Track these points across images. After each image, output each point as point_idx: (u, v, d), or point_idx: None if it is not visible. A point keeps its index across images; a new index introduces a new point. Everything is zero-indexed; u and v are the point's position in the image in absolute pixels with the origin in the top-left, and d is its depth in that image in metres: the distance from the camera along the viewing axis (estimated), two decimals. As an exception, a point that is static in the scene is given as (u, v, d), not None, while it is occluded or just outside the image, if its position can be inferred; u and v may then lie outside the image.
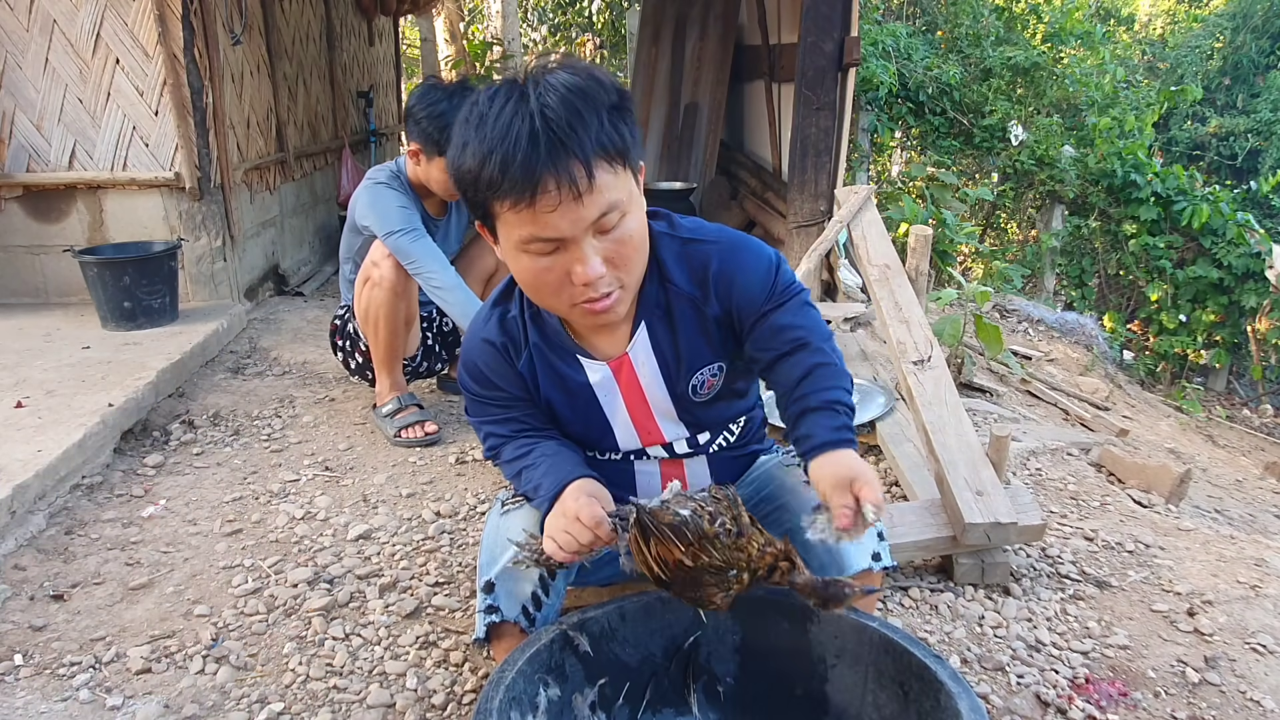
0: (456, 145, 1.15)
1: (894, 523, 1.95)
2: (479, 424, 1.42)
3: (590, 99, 1.10)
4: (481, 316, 1.39)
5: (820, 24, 4.08)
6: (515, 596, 1.32)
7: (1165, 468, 2.75)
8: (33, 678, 1.62)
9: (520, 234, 1.12)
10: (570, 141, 1.07)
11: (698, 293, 1.31)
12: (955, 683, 1.13)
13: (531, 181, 1.07)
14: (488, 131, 1.10)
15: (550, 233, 1.11)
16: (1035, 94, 8.19)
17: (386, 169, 2.62)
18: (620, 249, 1.16)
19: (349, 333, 2.79)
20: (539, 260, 1.15)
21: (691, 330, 1.33)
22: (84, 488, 2.32)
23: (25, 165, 3.51)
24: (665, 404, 1.38)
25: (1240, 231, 7.31)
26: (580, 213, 1.10)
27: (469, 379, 1.39)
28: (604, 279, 1.16)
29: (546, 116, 1.07)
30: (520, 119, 1.08)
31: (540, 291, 1.20)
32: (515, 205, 1.09)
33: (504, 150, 1.07)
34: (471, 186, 1.13)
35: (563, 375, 1.35)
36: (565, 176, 1.07)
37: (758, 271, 1.30)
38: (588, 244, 1.13)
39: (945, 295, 4.29)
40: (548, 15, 13.27)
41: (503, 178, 1.08)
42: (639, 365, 1.35)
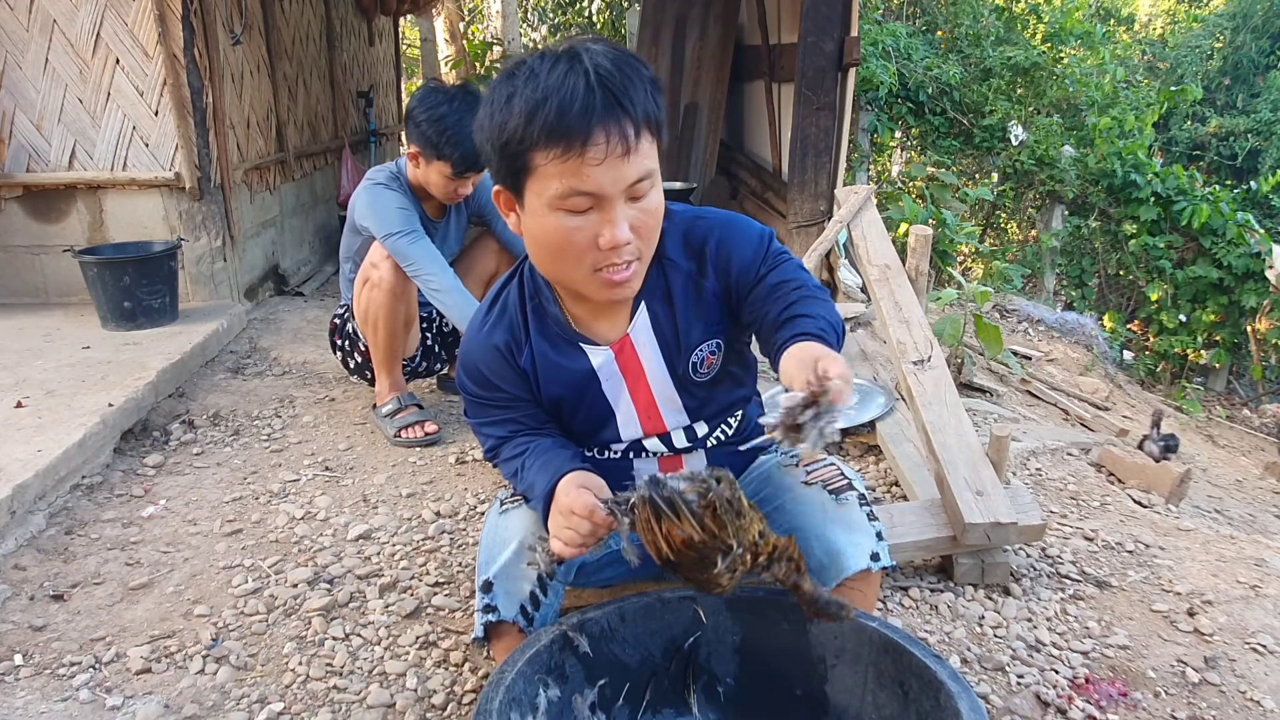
0: (498, 100, 1.14)
1: (894, 523, 1.95)
2: (478, 425, 1.43)
3: (636, 69, 1.14)
4: (479, 318, 1.39)
5: (820, 24, 4.08)
6: (513, 596, 1.32)
7: (1165, 468, 2.75)
8: (33, 678, 1.62)
9: (559, 187, 1.12)
10: (623, 99, 1.10)
11: (694, 267, 1.33)
12: (955, 683, 1.13)
13: (585, 130, 1.09)
14: (541, 82, 1.10)
15: (591, 186, 1.12)
16: (1035, 94, 8.19)
17: (386, 170, 2.62)
18: (646, 219, 1.18)
19: (348, 332, 2.79)
20: (570, 219, 1.15)
21: (690, 307, 1.35)
22: (84, 488, 2.32)
23: (25, 165, 3.51)
24: (666, 386, 1.39)
25: (1240, 231, 7.31)
26: (623, 170, 1.12)
27: (468, 381, 1.39)
28: (629, 246, 1.17)
29: (600, 75, 1.10)
30: (575, 74, 1.10)
31: (564, 254, 1.19)
32: (564, 155, 1.10)
33: (560, 98, 1.09)
34: (515, 137, 1.12)
35: (564, 366, 1.35)
36: (616, 131, 1.10)
37: (751, 242, 1.33)
38: (621, 207, 1.15)
39: (945, 295, 4.29)
40: (548, 15, 13.26)
41: (557, 123, 1.09)
42: (640, 346, 1.36)
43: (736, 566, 1.14)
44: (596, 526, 1.17)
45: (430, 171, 2.52)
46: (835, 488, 1.40)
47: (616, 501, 1.17)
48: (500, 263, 2.85)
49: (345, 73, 5.88)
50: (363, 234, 2.63)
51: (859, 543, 1.33)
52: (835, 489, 1.40)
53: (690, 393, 1.40)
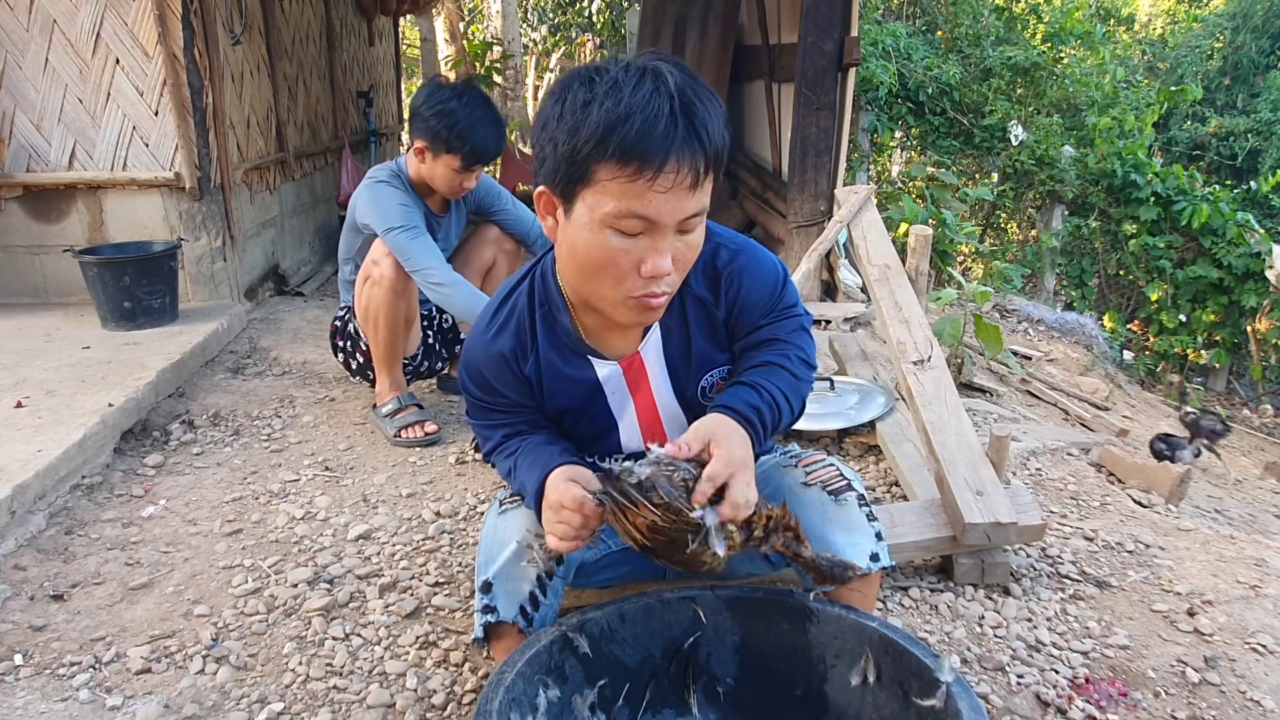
0: (573, 103, 1.11)
1: (894, 523, 1.95)
2: (478, 426, 1.43)
3: (714, 102, 1.13)
4: (484, 320, 1.38)
5: (820, 24, 4.08)
6: (513, 596, 1.32)
7: (1165, 468, 2.75)
8: (33, 678, 1.62)
9: (616, 207, 1.10)
10: (702, 133, 1.09)
11: (710, 296, 1.33)
12: (955, 682, 1.13)
13: (663, 156, 1.07)
14: (625, 95, 1.08)
15: (650, 213, 1.10)
16: (1035, 94, 8.19)
17: (387, 168, 2.62)
18: (687, 252, 1.18)
19: (350, 333, 2.79)
20: (618, 240, 1.13)
21: (702, 332, 1.35)
22: (84, 488, 2.32)
23: (25, 165, 3.51)
24: (672, 405, 1.39)
25: (1240, 231, 7.31)
26: (685, 203, 1.11)
27: (471, 384, 1.38)
28: (668, 278, 1.17)
29: (685, 102, 1.09)
30: (660, 96, 1.08)
31: (602, 273, 1.17)
32: (634, 175, 1.08)
33: (645, 117, 1.07)
34: (587, 146, 1.09)
35: (571, 376, 1.35)
36: (689, 163, 1.09)
37: (766, 284, 1.33)
38: (669, 238, 1.14)
39: (945, 295, 4.29)
40: (548, 15, 13.26)
41: (636, 143, 1.06)
42: (649, 365, 1.36)
43: (718, 543, 1.12)
44: (587, 519, 1.17)
45: (437, 165, 2.52)
46: (834, 488, 1.40)
47: (606, 492, 1.16)
48: (498, 254, 2.85)
49: (345, 73, 5.88)
50: (363, 232, 2.63)
51: (858, 543, 1.33)
52: (834, 489, 1.40)
53: (698, 414, 1.39)
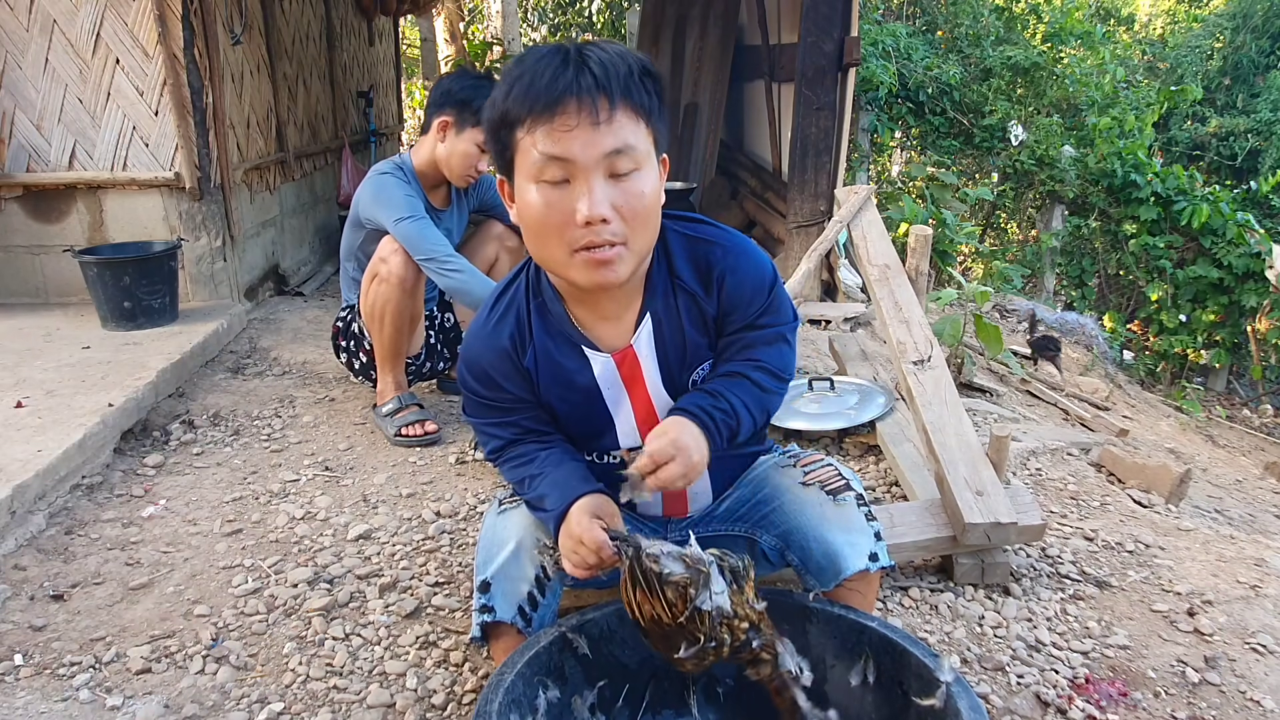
0: (498, 89, 1.20)
1: (894, 523, 1.95)
2: (479, 425, 1.42)
3: (625, 56, 1.18)
4: (483, 315, 1.38)
5: (820, 24, 4.08)
6: (511, 596, 1.32)
7: (1165, 468, 2.75)
8: (33, 678, 1.62)
9: (535, 156, 1.15)
10: (599, 73, 1.14)
11: (701, 290, 1.33)
12: (955, 682, 1.13)
13: (554, 95, 1.13)
14: (526, 64, 1.17)
15: (562, 151, 1.14)
16: (1035, 94, 8.20)
17: (390, 161, 2.63)
18: (630, 201, 1.18)
19: (353, 333, 2.78)
20: (549, 192, 1.16)
21: (694, 326, 1.34)
22: (84, 488, 2.32)
23: (25, 165, 3.51)
24: (666, 402, 1.38)
25: (1240, 231, 7.31)
26: (595, 138, 1.14)
27: (471, 379, 1.38)
28: (608, 226, 1.16)
29: (583, 54, 1.16)
30: (557, 52, 1.16)
31: (544, 231, 1.19)
32: (535, 121, 1.14)
33: (537, 69, 1.15)
34: (499, 113, 1.19)
35: (566, 366, 1.35)
36: (589, 100, 1.13)
37: (756, 283, 1.33)
38: (597, 180, 1.15)
39: (945, 295, 4.29)
40: (548, 15, 13.26)
41: (528, 90, 1.14)
42: (642, 358, 1.35)
43: (706, 657, 1.13)
44: (603, 560, 1.19)
45: (459, 142, 2.54)
46: (833, 488, 1.40)
47: (626, 541, 1.17)
48: (500, 250, 2.85)
49: (345, 73, 5.88)
50: (366, 227, 2.63)
51: (856, 543, 1.33)
52: (833, 489, 1.40)
53: None
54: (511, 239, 2.87)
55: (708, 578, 1.11)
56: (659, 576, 1.11)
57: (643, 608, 1.13)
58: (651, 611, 1.12)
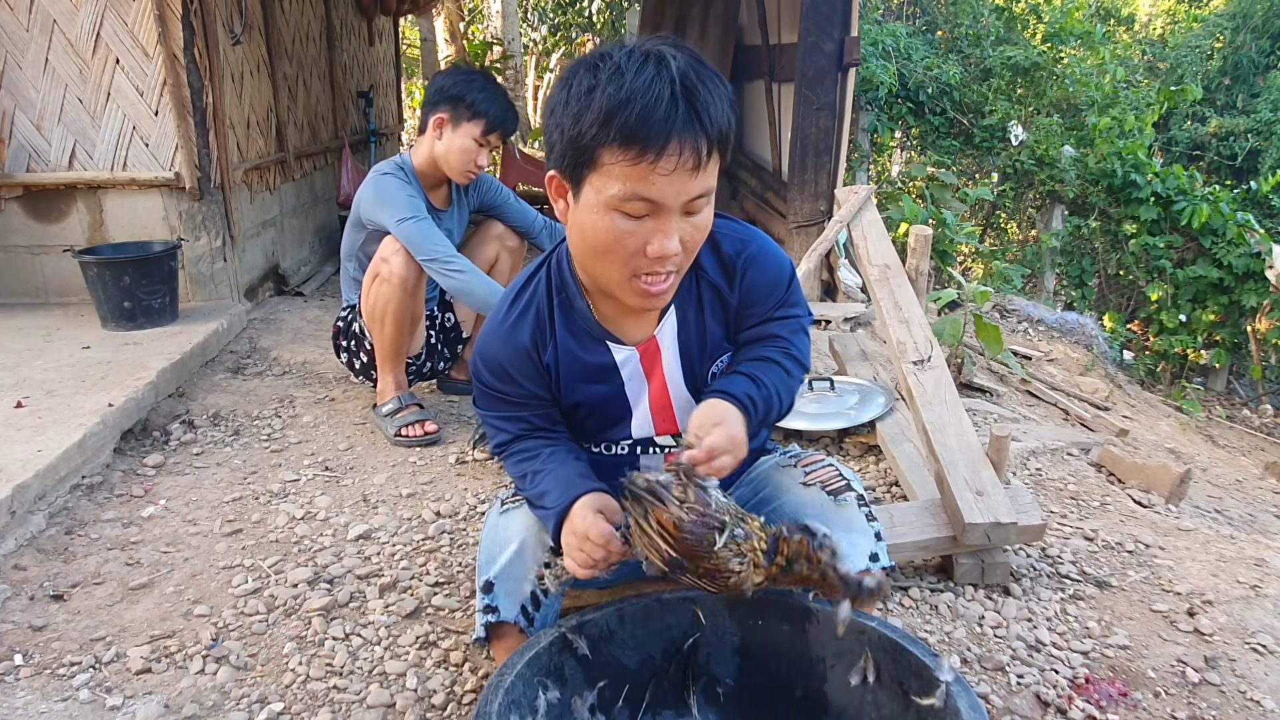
0: (578, 89, 1.13)
1: (894, 523, 1.95)
2: (489, 418, 1.41)
3: (718, 85, 1.13)
4: (503, 309, 1.37)
5: (820, 24, 4.08)
6: (514, 597, 1.32)
7: (1165, 468, 2.75)
8: (33, 678, 1.62)
9: (621, 190, 1.11)
10: (704, 115, 1.10)
11: (724, 283, 1.35)
12: (955, 682, 1.13)
13: (663, 139, 1.08)
14: (627, 81, 1.09)
15: (654, 194, 1.12)
16: (1035, 94, 8.20)
17: (391, 162, 2.63)
18: (695, 234, 1.19)
19: (354, 333, 2.78)
20: (625, 223, 1.14)
21: (715, 319, 1.36)
22: (84, 488, 2.32)
23: (25, 165, 3.51)
24: (683, 392, 1.39)
25: (1240, 231, 7.31)
26: (689, 185, 1.12)
27: (487, 373, 1.37)
28: (675, 258, 1.18)
29: (687, 86, 1.09)
30: (662, 80, 1.09)
31: (609, 255, 1.18)
32: (636, 159, 1.09)
33: (645, 101, 1.07)
34: (590, 130, 1.10)
35: (588, 362, 1.35)
36: (691, 144, 1.10)
37: (775, 277, 1.35)
38: (676, 219, 1.15)
39: (945, 295, 4.29)
40: (548, 15, 13.27)
41: (637, 128, 1.08)
42: (664, 350, 1.36)
43: (745, 552, 1.14)
44: (610, 553, 1.20)
45: (456, 137, 2.54)
46: (833, 488, 1.40)
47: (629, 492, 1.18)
48: (501, 250, 2.85)
49: (345, 73, 5.88)
50: (368, 228, 2.63)
51: (857, 543, 1.33)
52: (833, 490, 1.40)
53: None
54: (512, 239, 2.87)
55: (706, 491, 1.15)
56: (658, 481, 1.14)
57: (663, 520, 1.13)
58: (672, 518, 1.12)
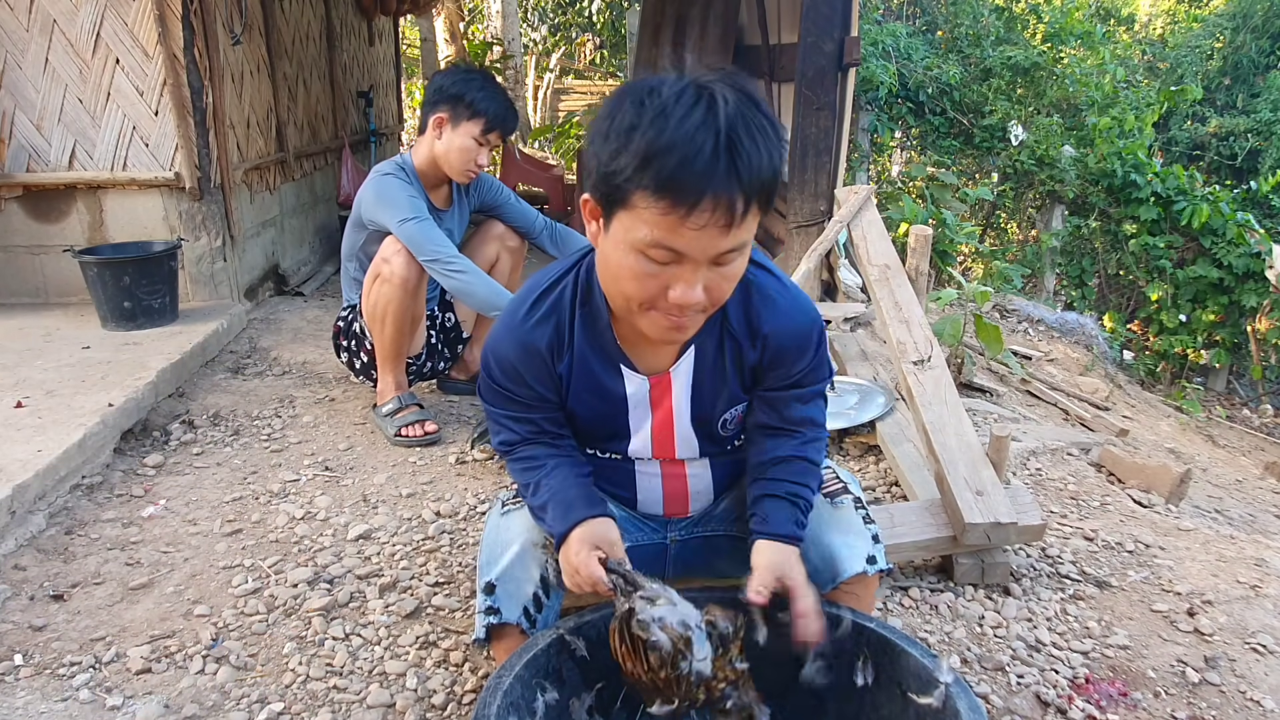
0: (619, 124, 1.07)
1: (894, 523, 1.95)
2: (495, 414, 1.39)
3: (768, 133, 1.07)
4: (523, 307, 1.34)
5: (820, 24, 4.07)
6: (516, 598, 1.32)
7: (1165, 468, 2.75)
8: (33, 678, 1.62)
9: (646, 235, 1.08)
10: (745, 174, 1.04)
11: (746, 340, 1.33)
12: (954, 683, 1.13)
13: (696, 195, 1.03)
14: (671, 125, 1.04)
15: (681, 247, 1.08)
16: (1035, 94, 8.19)
17: (392, 162, 2.63)
18: (722, 283, 1.15)
19: (354, 332, 2.78)
20: (647, 265, 1.11)
21: (734, 366, 1.35)
22: (84, 488, 2.32)
23: (25, 165, 3.51)
24: (688, 430, 1.39)
25: (1240, 231, 7.31)
26: (718, 241, 1.08)
27: (497, 370, 1.34)
28: (697, 305, 1.14)
29: (733, 140, 1.04)
30: (707, 129, 1.03)
31: (627, 291, 1.16)
32: (667, 210, 1.05)
33: (684, 153, 1.03)
34: (624, 171, 1.06)
35: (600, 383, 1.34)
36: (725, 202, 1.04)
37: (802, 346, 1.33)
38: (701, 270, 1.11)
39: (945, 295, 4.29)
40: (548, 15, 13.27)
41: (670, 180, 1.03)
42: (677, 387, 1.35)
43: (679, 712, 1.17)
44: (598, 594, 1.22)
45: (456, 136, 2.54)
46: (830, 491, 1.41)
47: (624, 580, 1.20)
48: (501, 250, 2.85)
49: (345, 73, 5.88)
50: (369, 228, 2.63)
51: (854, 545, 1.34)
52: (830, 493, 1.40)
53: (710, 440, 1.42)
54: (512, 239, 2.87)
55: (690, 644, 1.14)
56: (645, 643, 1.14)
57: (626, 660, 1.17)
58: (633, 669, 1.16)
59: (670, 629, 1.13)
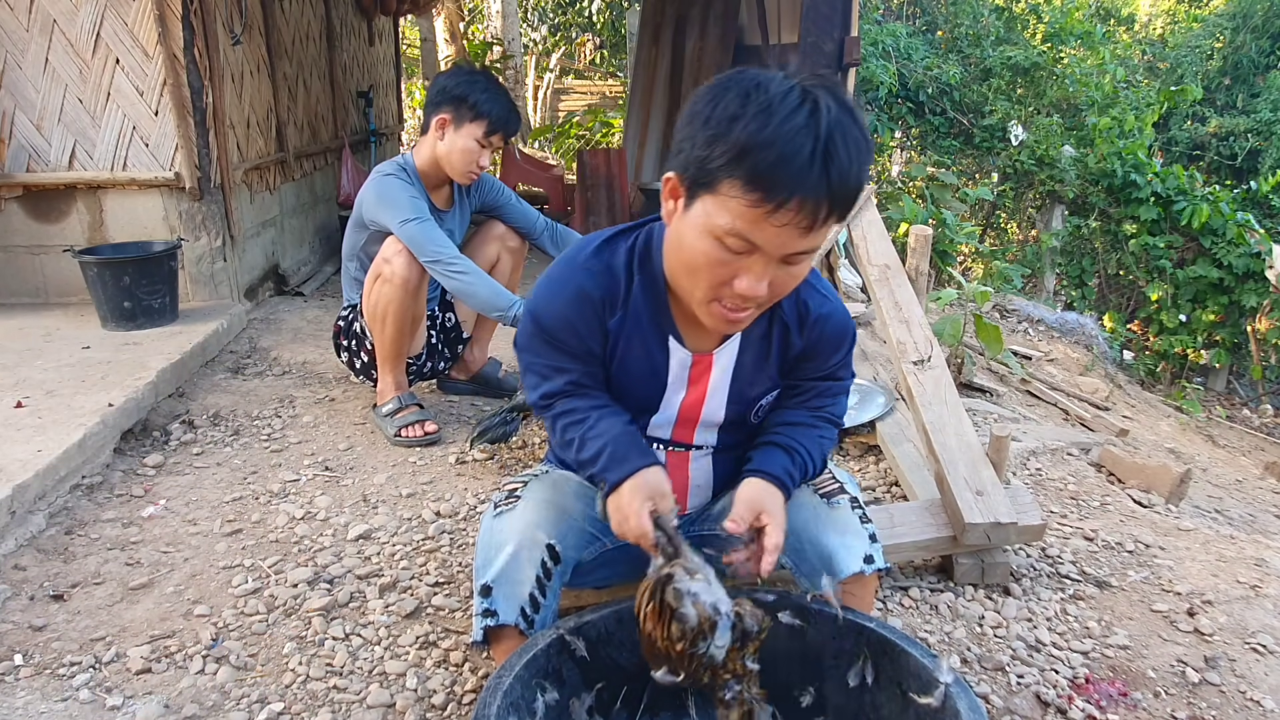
0: (722, 112, 1.09)
1: (894, 523, 1.95)
2: (535, 364, 1.37)
3: (863, 148, 1.10)
4: (583, 258, 1.33)
5: (820, 24, 4.08)
6: (513, 599, 1.32)
7: (1165, 468, 2.75)
8: (33, 678, 1.62)
9: (728, 223, 1.10)
10: (836, 182, 1.07)
11: (796, 326, 1.36)
12: (954, 683, 1.13)
13: (786, 194, 1.05)
14: (775, 121, 1.05)
15: (759, 240, 1.10)
16: (1035, 94, 8.20)
17: (393, 163, 2.63)
18: (788, 281, 1.18)
19: (355, 332, 2.78)
20: (721, 252, 1.13)
21: (777, 354, 1.38)
22: (84, 488, 2.32)
23: (25, 165, 3.51)
24: (716, 411, 1.40)
25: (1240, 231, 7.31)
26: (795, 241, 1.11)
27: (546, 317, 1.32)
28: (759, 299, 1.17)
29: (830, 147, 1.06)
30: (808, 133, 1.05)
31: (694, 275, 1.18)
32: (754, 204, 1.07)
33: (783, 150, 1.04)
34: (719, 159, 1.08)
35: (647, 348, 1.34)
36: (810, 208, 1.07)
37: (840, 339, 1.39)
38: (771, 266, 1.14)
39: (945, 295, 4.29)
40: (548, 15, 13.27)
41: (766, 175, 1.05)
42: (717, 369, 1.37)
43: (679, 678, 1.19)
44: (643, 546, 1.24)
45: (458, 138, 2.54)
46: (827, 491, 1.41)
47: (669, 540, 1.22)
48: (502, 250, 2.85)
49: (345, 73, 5.88)
50: (370, 228, 2.63)
51: (851, 545, 1.34)
52: (827, 493, 1.41)
53: (736, 427, 1.43)
54: (513, 239, 2.86)
55: (715, 628, 1.15)
56: (673, 611, 1.15)
57: (648, 620, 1.18)
58: (652, 631, 1.17)
59: (701, 607, 1.14)
